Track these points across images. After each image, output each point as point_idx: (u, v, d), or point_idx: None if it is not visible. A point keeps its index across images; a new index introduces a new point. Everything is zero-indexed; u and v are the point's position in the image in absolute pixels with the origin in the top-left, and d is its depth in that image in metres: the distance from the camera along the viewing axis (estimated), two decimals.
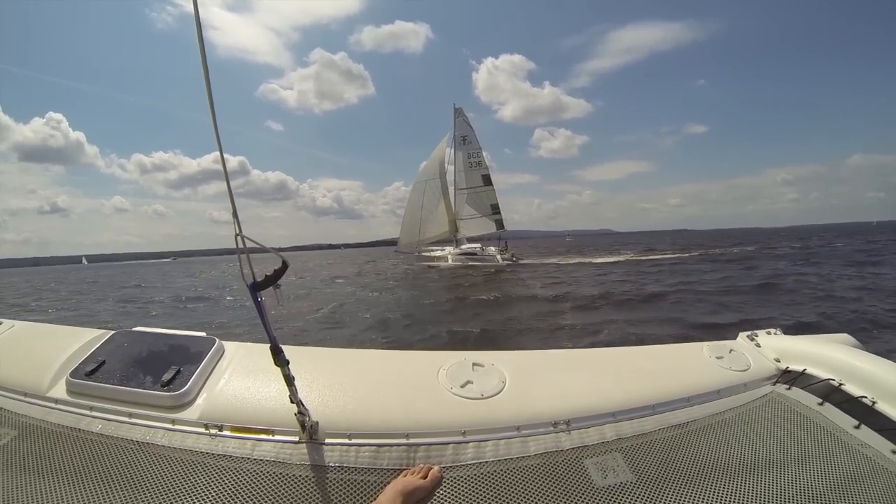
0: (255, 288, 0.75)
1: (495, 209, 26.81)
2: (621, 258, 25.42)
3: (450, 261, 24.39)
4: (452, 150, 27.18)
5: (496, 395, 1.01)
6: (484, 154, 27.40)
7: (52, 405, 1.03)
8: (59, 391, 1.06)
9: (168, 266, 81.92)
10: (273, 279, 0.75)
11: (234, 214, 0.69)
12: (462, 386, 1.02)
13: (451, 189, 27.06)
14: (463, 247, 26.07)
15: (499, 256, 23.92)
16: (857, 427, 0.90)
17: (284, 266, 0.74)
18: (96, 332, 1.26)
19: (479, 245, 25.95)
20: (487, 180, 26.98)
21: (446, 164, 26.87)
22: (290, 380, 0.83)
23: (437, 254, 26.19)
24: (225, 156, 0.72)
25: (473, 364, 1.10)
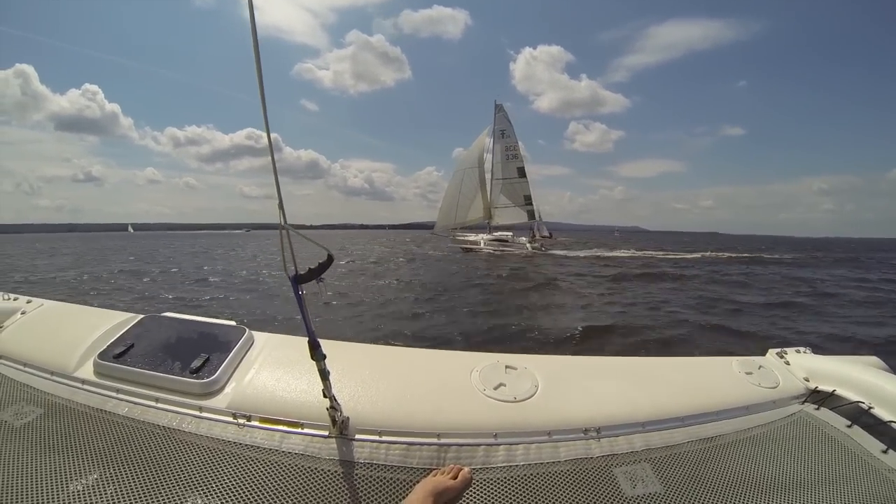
0: (298, 281, 0.75)
1: (528, 200, 28.31)
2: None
3: (482, 245, 26.17)
4: (492, 142, 28.82)
5: (528, 398, 1.01)
6: (520, 145, 28.92)
7: (79, 385, 1.04)
8: (87, 372, 1.06)
9: (258, 238, 74.49)
10: (317, 272, 0.74)
11: (280, 206, 0.68)
12: (495, 388, 1.03)
13: (487, 177, 28.79)
14: (496, 234, 27.74)
15: (528, 245, 25.53)
16: (885, 452, 0.90)
17: (329, 259, 0.73)
18: (125, 315, 1.28)
19: (510, 233, 27.64)
20: (522, 172, 28.48)
21: (485, 154, 28.60)
22: (325, 374, 0.84)
23: (472, 238, 27.93)
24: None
25: (506, 367, 1.11)
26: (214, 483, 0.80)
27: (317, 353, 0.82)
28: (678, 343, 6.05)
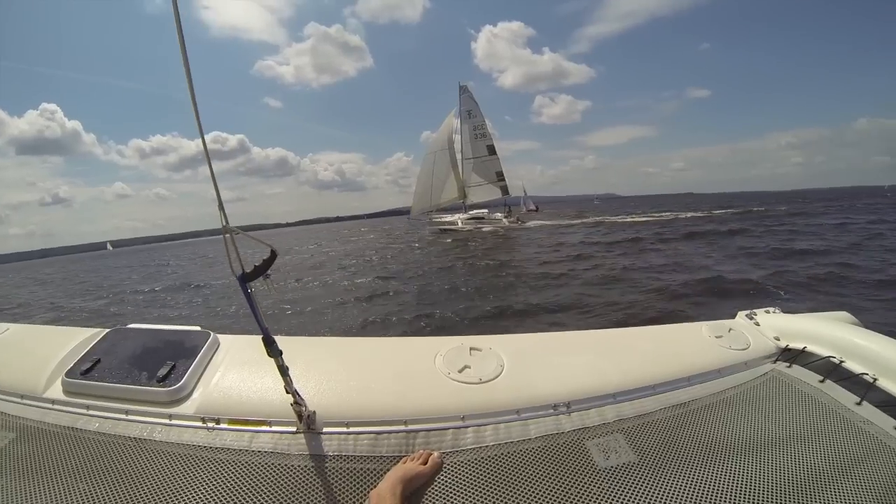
0: (245, 279, 0.75)
1: (500, 176, 28.84)
2: None
3: (460, 224, 26.51)
4: (459, 122, 29.08)
5: (494, 379, 1.01)
6: (487, 123, 29.06)
7: (49, 406, 1.04)
8: (56, 391, 1.07)
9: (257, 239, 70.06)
10: (262, 269, 0.75)
11: (220, 206, 0.69)
12: (460, 371, 1.03)
13: (458, 157, 29.07)
14: (471, 212, 28.22)
15: (505, 220, 26.03)
16: (859, 404, 0.90)
17: (273, 255, 0.74)
18: (91, 331, 1.27)
19: (485, 210, 28.00)
20: (492, 150, 28.89)
21: (453, 136, 28.83)
22: (284, 370, 0.84)
23: (448, 219, 28.33)
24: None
25: (471, 349, 1.11)
26: (187, 489, 0.81)
27: (272, 349, 0.82)
28: (838, 282, 6.84)
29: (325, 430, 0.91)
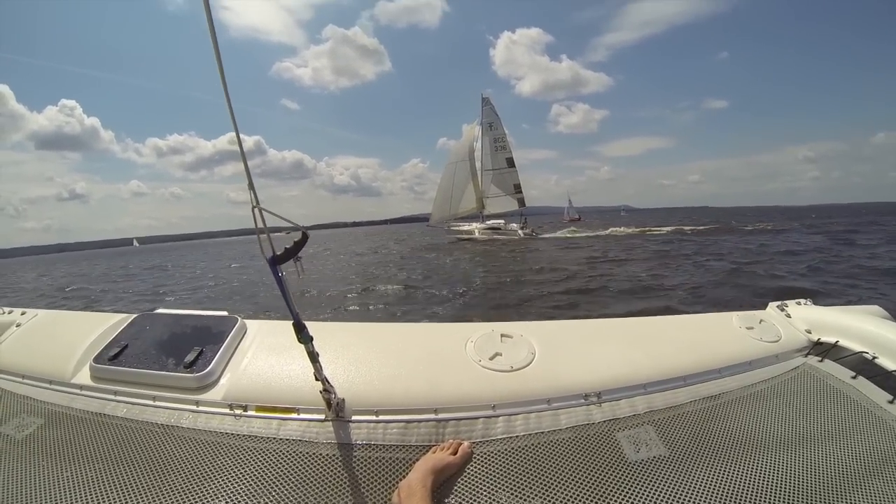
0: (275, 262, 0.74)
1: (517, 188, 29.66)
2: None
3: (476, 234, 27.37)
4: (480, 133, 30.03)
5: (526, 366, 1.00)
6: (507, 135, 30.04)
7: (77, 391, 1.04)
8: (84, 377, 1.07)
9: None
10: (293, 252, 0.74)
11: (251, 185, 0.67)
12: (491, 358, 1.02)
13: (477, 166, 30.02)
14: (488, 222, 29.01)
15: (520, 231, 26.79)
16: (892, 402, 0.88)
17: (304, 238, 0.74)
18: (118, 317, 1.28)
19: (502, 220, 28.95)
20: (511, 162, 29.75)
21: (474, 144, 29.87)
22: (314, 356, 0.83)
23: (465, 228, 29.15)
24: (241, 136, 0.70)
25: (502, 335, 1.10)
26: (215, 476, 0.81)
27: (303, 335, 0.81)
28: None
29: (353, 418, 0.91)
